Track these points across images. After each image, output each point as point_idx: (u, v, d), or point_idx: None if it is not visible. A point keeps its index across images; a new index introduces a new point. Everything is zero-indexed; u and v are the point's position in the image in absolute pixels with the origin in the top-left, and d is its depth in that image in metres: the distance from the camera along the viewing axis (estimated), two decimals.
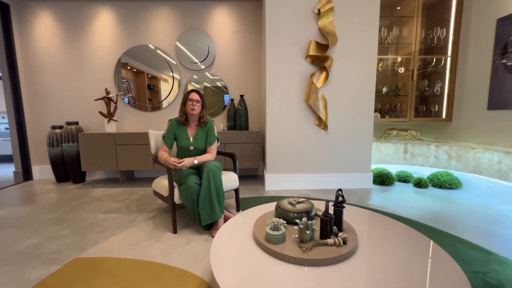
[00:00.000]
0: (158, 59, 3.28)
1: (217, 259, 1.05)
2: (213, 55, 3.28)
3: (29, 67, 3.26)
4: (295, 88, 2.72)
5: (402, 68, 3.22)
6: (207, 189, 1.75)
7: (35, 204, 2.45)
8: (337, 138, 2.80)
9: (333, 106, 2.75)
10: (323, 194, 2.66)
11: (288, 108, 2.74)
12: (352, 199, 2.50)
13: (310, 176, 2.83)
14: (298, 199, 1.42)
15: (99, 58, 3.26)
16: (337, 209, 1.21)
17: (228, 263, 1.03)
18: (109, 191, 2.84)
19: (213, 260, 1.04)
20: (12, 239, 1.75)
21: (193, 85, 3.34)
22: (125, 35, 3.24)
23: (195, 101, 1.87)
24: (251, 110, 3.38)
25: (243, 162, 3.07)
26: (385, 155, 3.09)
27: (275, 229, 1.14)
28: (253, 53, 3.31)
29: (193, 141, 1.93)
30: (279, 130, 2.77)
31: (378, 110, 3.34)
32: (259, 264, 1.02)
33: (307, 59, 2.67)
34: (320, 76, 2.69)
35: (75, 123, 3.15)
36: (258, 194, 2.69)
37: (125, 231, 1.85)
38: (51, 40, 3.22)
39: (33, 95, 3.30)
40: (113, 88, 3.30)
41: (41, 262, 1.47)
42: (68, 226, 1.95)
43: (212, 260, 1.04)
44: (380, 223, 1.36)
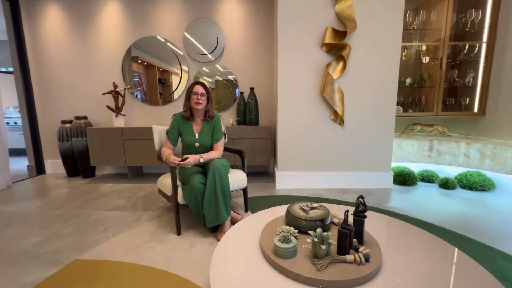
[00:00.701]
0: (166, 51, 3.16)
1: (217, 274, 0.92)
2: (222, 45, 3.12)
3: (39, 61, 3.25)
4: (309, 80, 2.51)
5: (427, 58, 2.92)
6: (212, 189, 1.62)
7: (44, 199, 2.44)
8: (354, 133, 2.58)
9: (350, 99, 2.53)
10: (338, 194, 2.48)
11: (301, 102, 2.55)
12: (370, 201, 2.30)
13: (324, 174, 2.65)
14: (312, 204, 1.26)
15: (106, 51, 3.19)
16: (357, 219, 1.04)
17: (229, 280, 0.90)
18: (117, 187, 2.80)
19: (213, 275, 0.91)
20: (16, 237, 1.72)
21: (205, 79, 3.20)
22: (132, 26, 3.14)
23: (200, 95, 1.73)
24: (261, 104, 3.21)
25: (253, 159, 2.93)
26: (407, 152, 2.84)
27: (285, 241, 0.99)
28: (264, 43, 3.11)
29: (198, 138, 1.80)
30: (291, 125, 2.59)
31: (400, 104, 3.07)
32: (265, 283, 0.88)
33: (323, 48, 2.45)
34: (337, 66, 2.46)
35: (84, 118, 3.12)
36: (269, 193, 2.55)
37: (128, 231, 1.77)
38: (59, 34, 3.18)
39: (43, 89, 3.30)
40: (121, 82, 3.23)
41: (39, 263, 1.41)
42: (73, 223, 1.90)
43: (212, 275, 0.92)
44: (405, 233, 1.18)
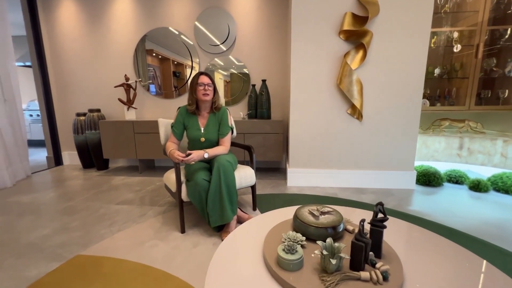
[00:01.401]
0: (179, 43, 3.08)
1: (212, 285, 0.83)
2: (233, 36, 2.98)
3: (55, 55, 3.30)
4: (324, 70, 2.33)
5: (459, 46, 2.62)
6: (217, 187, 1.53)
7: (58, 190, 2.49)
8: (373, 129, 2.38)
9: (370, 91, 2.32)
10: (354, 194, 2.31)
11: (315, 94, 2.38)
12: (389, 203, 2.12)
13: (339, 172, 2.48)
14: (323, 208, 1.13)
15: (119, 43, 3.17)
16: (375, 229, 0.90)
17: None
18: (127, 180, 2.81)
19: (207, 285, 0.82)
20: (25, 228, 1.74)
21: (220, 72, 3.08)
22: (144, 17, 3.08)
23: (207, 85, 1.63)
24: (274, 97, 3.06)
25: (264, 154, 2.81)
26: (433, 150, 2.59)
27: (290, 251, 0.87)
28: (277, 33, 2.94)
29: (204, 132, 1.71)
30: (305, 119, 2.44)
31: (427, 96, 2.80)
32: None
33: (341, 36, 2.25)
34: (356, 55, 2.26)
35: (97, 111, 3.15)
36: (279, 190, 2.43)
37: (133, 226, 1.74)
38: (74, 27, 3.20)
39: (60, 82, 3.37)
40: (133, 75, 3.21)
41: (43, 257, 1.41)
42: (81, 217, 1.91)
43: (207, 285, 0.82)
44: (430, 244, 1.02)
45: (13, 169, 2.76)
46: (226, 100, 3.14)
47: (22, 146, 2.93)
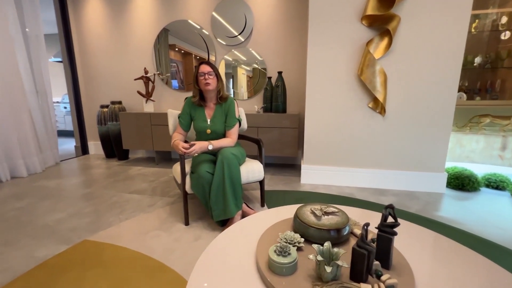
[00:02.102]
0: (195, 35, 3.07)
1: (195, 284, 0.77)
2: (250, 26, 2.90)
3: (83, 49, 3.48)
4: (344, 60, 2.16)
5: (507, 33, 2.26)
6: (220, 180, 1.48)
7: (80, 178, 2.63)
8: (398, 125, 2.16)
9: (395, 83, 2.10)
10: (372, 195, 2.13)
11: (333, 86, 2.22)
12: (413, 207, 1.91)
13: (358, 171, 2.30)
14: (327, 208, 1.02)
15: (139, 36, 3.25)
16: (383, 235, 0.77)
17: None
18: (144, 170, 2.88)
19: (191, 284, 0.77)
20: (44, 211, 1.84)
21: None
22: (162, 10, 3.11)
23: (207, 74, 1.57)
24: (291, 90, 2.93)
25: (278, 150, 2.71)
26: (469, 150, 2.29)
27: (282, 253, 0.78)
28: (295, 22, 2.79)
29: (210, 123, 1.66)
30: (321, 113, 2.29)
31: (464, 89, 2.48)
32: None
33: (363, 22, 2.05)
34: (380, 43, 2.05)
35: (118, 103, 3.27)
36: (292, 187, 2.33)
37: (140, 215, 1.76)
38: (99, 22, 3.34)
39: (87, 76, 3.55)
40: (152, 67, 3.28)
41: (54, 240, 1.47)
42: (94, 203, 1.98)
43: (190, 283, 0.77)
44: (458, 259, 0.86)
45: (44, 156, 2.97)
46: (249, 96, 3.07)
47: (52, 135, 3.14)
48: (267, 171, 2.85)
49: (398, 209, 1.86)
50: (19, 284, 1.10)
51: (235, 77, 3.08)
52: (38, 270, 1.19)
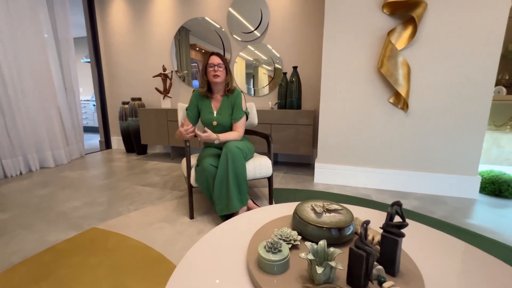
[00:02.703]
0: (211, 32, 3.09)
1: (177, 279, 0.73)
2: (266, 20, 2.84)
3: (108, 50, 3.67)
4: (362, 52, 2.02)
5: None
6: (224, 174, 1.44)
7: (99, 170, 2.76)
8: (423, 122, 1.97)
9: (420, 75, 1.92)
10: (392, 197, 1.96)
11: (350, 79, 2.08)
12: (438, 212, 1.72)
13: (376, 171, 2.14)
14: (330, 205, 0.93)
15: (158, 35, 3.34)
16: (388, 236, 0.67)
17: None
18: (159, 165, 2.95)
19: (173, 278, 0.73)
20: (63, 199, 1.94)
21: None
22: (180, 8, 3.17)
23: (217, 66, 1.54)
24: (307, 85, 2.83)
25: (291, 148, 2.62)
26: (509, 152, 2.03)
27: (272, 250, 0.72)
28: (312, 15, 2.68)
29: (216, 115, 1.63)
30: (337, 108, 2.16)
31: (504, 83, 2.20)
32: None
33: (384, 10, 1.90)
34: (403, 32, 1.89)
35: (138, 99, 3.39)
36: (304, 186, 2.23)
37: (149, 207, 1.78)
38: (122, 23, 3.49)
39: (110, 74, 3.74)
40: (170, 65, 3.36)
41: (66, 226, 1.53)
42: (108, 194, 2.05)
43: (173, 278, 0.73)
44: (486, 273, 0.73)
45: (70, 149, 3.17)
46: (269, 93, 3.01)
47: (78, 129, 3.34)
48: (280, 169, 2.77)
49: (420, 213, 1.69)
50: (26, 266, 1.15)
51: (255, 76, 3.02)
52: (46, 253, 1.24)
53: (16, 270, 1.13)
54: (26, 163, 2.67)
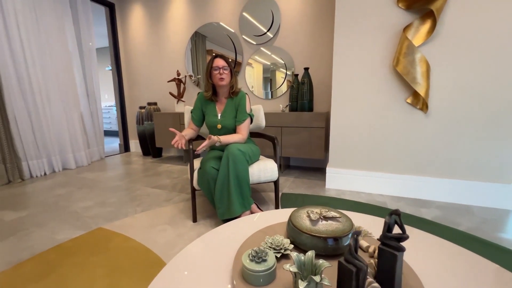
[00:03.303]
0: (224, 36, 3.12)
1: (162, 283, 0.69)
2: (278, 22, 2.81)
3: (127, 57, 3.85)
4: (375, 50, 1.90)
5: None
6: (225, 177, 1.41)
7: (115, 172, 2.86)
8: (445, 123, 1.80)
9: (440, 73, 1.76)
10: (410, 205, 1.80)
11: (363, 79, 1.97)
12: (464, 223, 1.55)
13: (393, 177, 1.99)
14: (327, 212, 0.85)
15: (173, 41, 3.44)
16: (386, 250, 0.59)
17: None
18: (171, 168, 3.00)
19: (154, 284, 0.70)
20: (77, 199, 2.03)
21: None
22: (194, 14, 3.24)
23: (222, 69, 1.53)
24: (319, 87, 2.74)
25: (302, 151, 2.53)
26: None
27: (256, 260, 0.66)
28: (324, 15, 2.60)
29: (221, 118, 1.61)
30: (349, 110, 2.05)
31: None
32: None
33: (400, 4, 1.78)
34: (420, 27, 1.75)
35: (154, 104, 3.50)
36: (313, 191, 2.13)
37: (155, 209, 1.80)
38: (140, 30, 3.65)
39: (129, 80, 3.91)
40: (184, 70, 3.43)
41: (76, 225, 1.58)
42: (120, 195, 2.10)
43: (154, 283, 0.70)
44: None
45: (90, 151, 3.33)
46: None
47: (99, 133, 3.51)
48: (291, 174, 2.68)
49: (442, 224, 1.52)
50: (32, 262, 1.20)
51: (273, 80, 2.97)
52: (52, 251, 1.28)
53: (22, 266, 1.17)
54: (50, 164, 2.84)
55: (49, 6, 2.78)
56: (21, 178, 2.56)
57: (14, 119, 2.52)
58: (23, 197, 2.10)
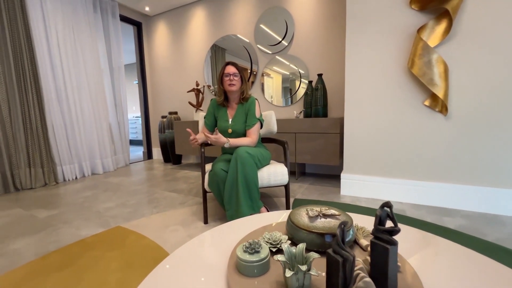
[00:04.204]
0: (240, 48, 3.24)
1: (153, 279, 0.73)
2: (292, 31, 2.87)
3: (152, 70, 4.14)
4: (388, 52, 1.87)
5: None
6: (233, 179, 1.44)
7: (137, 177, 3.03)
8: (468, 126, 1.69)
9: (460, 74, 1.68)
10: (432, 214, 1.69)
11: (376, 83, 1.94)
12: (492, 234, 1.41)
13: (413, 184, 1.89)
14: (328, 210, 0.85)
15: (193, 53, 3.65)
16: (378, 244, 0.58)
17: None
18: (189, 174, 3.11)
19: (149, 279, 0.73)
20: (101, 200, 2.18)
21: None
22: (213, 27, 3.43)
23: (232, 75, 1.60)
24: (333, 93, 2.72)
25: (317, 158, 2.49)
26: None
27: (249, 251, 0.68)
28: (336, 21, 2.62)
29: (231, 123, 1.67)
30: (364, 114, 2.01)
31: None
32: None
33: (413, 6, 1.75)
34: (436, 28, 1.70)
35: (175, 113, 3.70)
36: (328, 198, 2.08)
37: (170, 211, 1.87)
38: (163, 45, 3.93)
39: (154, 92, 4.18)
40: (203, 80, 3.60)
41: (97, 223, 1.70)
42: (139, 198, 2.22)
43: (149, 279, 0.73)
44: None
45: (117, 158, 3.57)
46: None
47: (125, 141, 3.76)
48: (306, 180, 2.65)
49: (467, 234, 1.41)
50: (57, 254, 1.31)
51: (292, 90, 3.00)
52: (75, 245, 1.39)
53: (48, 257, 1.28)
54: (81, 169, 3.09)
55: (86, 27, 3.11)
56: (55, 181, 2.81)
57: (52, 128, 2.81)
58: (56, 197, 2.30)
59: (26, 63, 2.57)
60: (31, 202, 2.19)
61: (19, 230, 1.64)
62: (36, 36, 2.65)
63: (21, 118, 2.58)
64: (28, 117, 2.62)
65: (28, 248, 1.39)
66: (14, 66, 2.53)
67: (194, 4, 3.57)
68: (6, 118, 2.48)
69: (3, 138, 2.48)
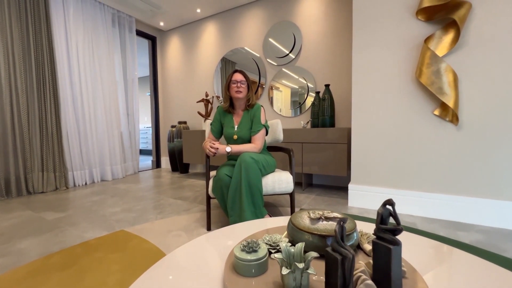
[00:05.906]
0: (249, 60, 3.33)
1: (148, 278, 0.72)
2: (299, 43, 2.94)
3: (164, 82, 4.28)
4: (395, 63, 1.87)
5: None
6: (237, 184, 1.43)
7: (144, 184, 3.06)
8: (480, 136, 1.64)
9: (470, 82, 1.65)
10: (445, 228, 1.61)
11: (384, 93, 1.92)
12: (511, 250, 1.32)
13: (425, 196, 1.81)
14: (329, 213, 0.82)
15: (203, 65, 3.77)
16: (379, 244, 0.55)
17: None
18: (195, 182, 3.11)
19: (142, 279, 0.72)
20: (108, 205, 2.20)
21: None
22: (223, 41, 3.56)
23: (239, 82, 1.63)
24: (341, 104, 2.71)
25: (324, 168, 2.45)
26: None
27: (246, 250, 0.66)
28: (343, 32, 2.66)
29: (237, 129, 1.68)
30: (372, 124, 1.99)
31: None
32: None
33: (419, 16, 1.77)
34: (444, 37, 1.69)
35: (184, 123, 3.77)
36: (334, 209, 2.02)
37: (174, 216, 1.87)
38: (176, 58, 4.09)
39: (165, 103, 4.30)
40: (212, 91, 3.69)
41: (102, 226, 1.71)
42: (144, 203, 2.23)
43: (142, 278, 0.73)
44: None
45: (126, 166, 3.64)
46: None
47: (135, 150, 3.84)
48: (313, 191, 2.60)
49: (483, 249, 1.32)
50: (60, 255, 1.31)
51: (300, 101, 3.01)
52: (78, 247, 1.40)
53: (52, 257, 1.29)
54: (91, 175, 3.16)
55: (104, 41, 3.30)
56: (66, 186, 2.88)
57: (67, 135, 2.91)
58: (65, 201, 2.35)
59: (47, 73, 2.72)
60: (41, 205, 2.24)
61: (26, 231, 1.67)
62: (58, 48, 2.83)
63: (38, 124, 2.70)
64: (45, 124, 2.74)
65: (32, 248, 1.41)
66: (36, 76, 2.68)
67: (205, 19, 3.74)
68: (24, 124, 2.60)
69: (20, 143, 2.59)
